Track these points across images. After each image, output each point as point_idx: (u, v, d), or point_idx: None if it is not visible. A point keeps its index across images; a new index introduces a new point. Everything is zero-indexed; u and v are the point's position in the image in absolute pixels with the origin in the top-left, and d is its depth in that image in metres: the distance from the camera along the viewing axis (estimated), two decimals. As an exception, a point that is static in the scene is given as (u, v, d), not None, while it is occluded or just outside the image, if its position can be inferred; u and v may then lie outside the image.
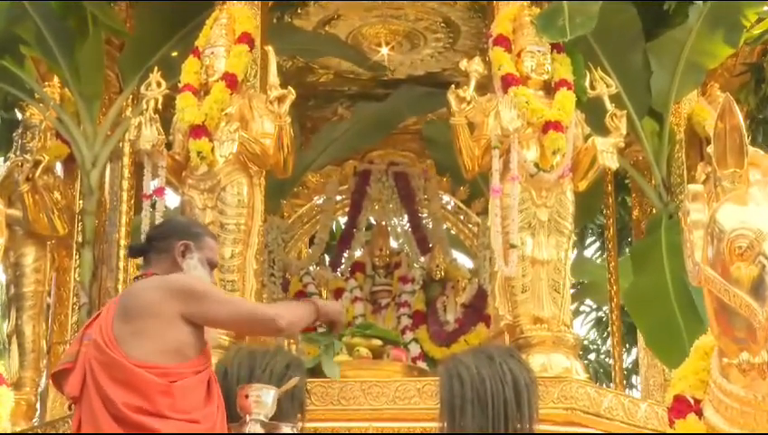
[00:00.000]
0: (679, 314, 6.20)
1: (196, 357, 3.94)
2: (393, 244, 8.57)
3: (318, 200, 8.69)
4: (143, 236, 4.21)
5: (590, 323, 13.60)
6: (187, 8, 7.03)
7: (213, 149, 5.97)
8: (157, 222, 5.93)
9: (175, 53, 7.04)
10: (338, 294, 8.17)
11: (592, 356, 13.63)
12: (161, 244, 4.13)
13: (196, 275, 4.08)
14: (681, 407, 3.75)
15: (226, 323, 3.98)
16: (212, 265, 4.20)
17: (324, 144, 8.52)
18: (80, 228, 7.39)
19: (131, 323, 3.87)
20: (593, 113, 6.17)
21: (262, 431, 4.45)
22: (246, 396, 4.42)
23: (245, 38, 6.27)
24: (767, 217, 3.46)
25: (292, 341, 7.80)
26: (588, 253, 13.04)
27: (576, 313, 12.70)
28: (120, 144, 7.37)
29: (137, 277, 4.18)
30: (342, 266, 8.42)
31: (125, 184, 7.36)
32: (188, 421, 3.82)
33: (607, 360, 12.80)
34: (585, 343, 13.21)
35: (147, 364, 3.82)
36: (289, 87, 6.00)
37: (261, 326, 4.10)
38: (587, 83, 6.09)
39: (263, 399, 4.45)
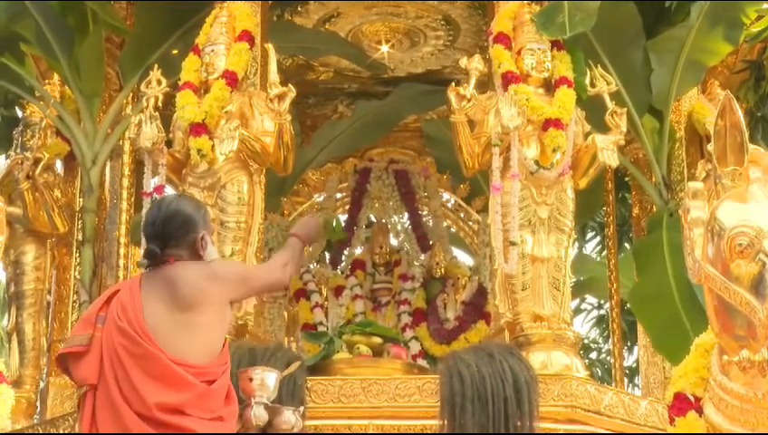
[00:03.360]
0: (683, 313, 6.20)
1: (221, 352, 3.94)
2: (393, 242, 8.58)
3: (318, 198, 8.70)
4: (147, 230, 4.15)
5: (591, 321, 13.60)
6: (187, 6, 7.03)
7: (213, 147, 5.97)
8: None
9: (175, 51, 7.04)
10: (338, 291, 8.17)
11: (593, 355, 13.63)
12: (180, 241, 4.05)
13: (214, 256, 4.14)
14: (681, 405, 3.74)
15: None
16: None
17: (324, 142, 8.52)
18: (80, 226, 7.40)
19: (181, 314, 3.84)
20: (593, 111, 6.17)
21: (266, 414, 4.47)
22: (250, 379, 4.43)
23: (246, 36, 6.26)
24: (767, 214, 3.46)
25: (292, 338, 7.83)
26: (588, 248, 13.05)
27: (577, 311, 12.70)
28: (121, 142, 7.37)
29: (151, 264, 4.08)
30: (342, 264, 8.42)
31: (125, 182, 7.36)
32: (214, 419, 3.82)
33: (608, 359, 12.79)
34: (586, 341, 13.20)
35: (186, 363, 3.79)
36: (289, 85, 5.99)
37: (277, 287, 4.37)
38: (587, 81, 6.09)
39: (266, 382, 4.47)
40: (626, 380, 8.16)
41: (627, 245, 11.03)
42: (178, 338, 3.82)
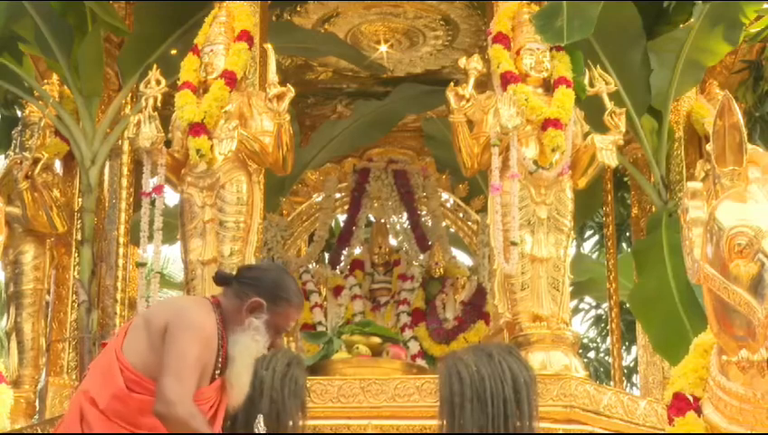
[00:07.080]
0: (683, 313, 6.20)
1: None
2: (392, 242, 8.58)
3: (317, 198, 8.70)
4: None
5: (590, 320, 13.60)
6: (186, 6, 7.04)
7: (212, 147, 5.97)
8: (156, 220, 5.95)
9: (174, 51, 7.05)
10: (337, 291, 8.18)
11: (592, 354, 13.63)
12: (242, 288, 3.97)
13: (250, 335, 3.94)
14: (680, 404, 3.75)
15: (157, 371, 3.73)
16: (280, 330, 4.07)
17: (323, 142, 8.52)
18: (79, 226, 7.39)
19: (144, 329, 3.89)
20: (592, 111, 6.17)
21: None
22: None
23: (245, 36, 6.27)
24: (766, 214, 3.46)
25: (291, 338, 7.82)
26: (586, 247, 13.06)
27: (575, 311, 12.69)
28: (120, 142, 7.37)
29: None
30: (342, 264, 8.42)
31: (124, 182, 7.37)
32: (126, 430, 3.73)
33: (606, 358, 12.79)
34: (584, 341, 13.21)
35: (128, 367, 3.77)
36: (288, 85, 6.00)
37: (163, 399, 3.69)
38: (586, 81, 6.09)
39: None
40: (624, 379, 8.14)
41: (625, 245, 11.04)
42: (130, 347, 3.81)
